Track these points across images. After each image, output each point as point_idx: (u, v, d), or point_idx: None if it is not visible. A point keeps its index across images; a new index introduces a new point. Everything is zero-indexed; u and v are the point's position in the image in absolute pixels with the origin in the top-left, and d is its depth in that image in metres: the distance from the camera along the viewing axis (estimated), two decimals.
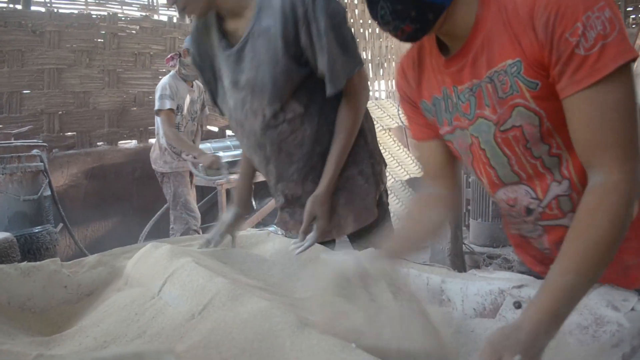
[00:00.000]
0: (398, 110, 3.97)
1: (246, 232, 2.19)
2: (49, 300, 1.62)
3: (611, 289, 1.19)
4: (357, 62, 1.65)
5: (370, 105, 6.54)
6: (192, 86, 3.85)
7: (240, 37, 1.60)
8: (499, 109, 1.07)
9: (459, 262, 2.81)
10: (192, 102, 3.85)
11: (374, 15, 1.04)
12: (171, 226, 3.82)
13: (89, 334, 1.32)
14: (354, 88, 1.65)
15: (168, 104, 3.61)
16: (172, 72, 3.80)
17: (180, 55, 3.76)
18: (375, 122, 6.13)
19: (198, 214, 3.82)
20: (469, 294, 1.35)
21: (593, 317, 1.17)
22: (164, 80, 3.73)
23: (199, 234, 3.66)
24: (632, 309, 1.14)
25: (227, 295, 1.39)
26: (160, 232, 4.24)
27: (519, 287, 1.28)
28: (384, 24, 1.04)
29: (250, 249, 1.98)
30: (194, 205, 3.82)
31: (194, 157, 3.66)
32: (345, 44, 1.59)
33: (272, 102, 1.60)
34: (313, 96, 1.64)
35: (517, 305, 1.30)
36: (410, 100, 1.29)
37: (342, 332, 1.02)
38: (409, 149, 6.58)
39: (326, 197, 1.67)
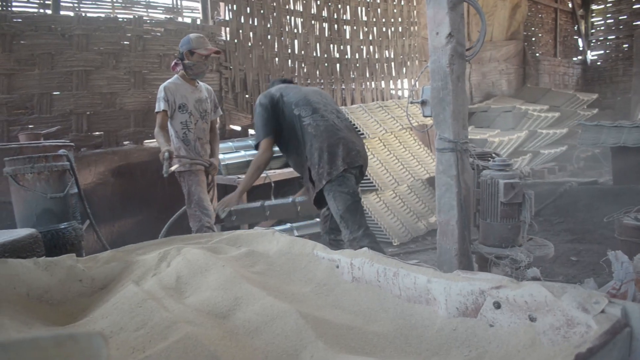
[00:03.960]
0: (407, 109, 3.99)
1: (253, 230, 2.28)
2: (65, 293, 1.73)
3: (584, 291, 1.24)
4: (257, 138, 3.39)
5: (390, 104, 6.59)
6: (195, 86, 3.99)
7: None
8: None
9: (466, 262, 2.85)
10: (199, 101, 3.96)
11: None
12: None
13: (98, 325, 1.43)
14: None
15: (162, 106, 3.78)
16: (175, 76, 3.95)
17: (183, 58, 3.86)
18: (394, 122, 6.22)
19: (211, 211, 3.92)
20: (452, 293, 1.41)
21: (565, 318, 1.22)
22: (163, 83, 3.89)
23: (213, 230, 3.77)
24: (602, 312, 1.18)
25: (230, 297, 1.48)
26: (183, 229, 4.38)
27: (498, 288, 1.34)
28: None
29: (255, 246, 2.08)
30: (208, 203, 3.92)
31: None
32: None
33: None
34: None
35: (497, 305, 1.36)
36: None
37: None
38: (430, 148, 6.59)
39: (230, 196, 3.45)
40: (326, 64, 6.81)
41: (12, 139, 4.18)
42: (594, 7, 12.58)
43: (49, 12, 4.59)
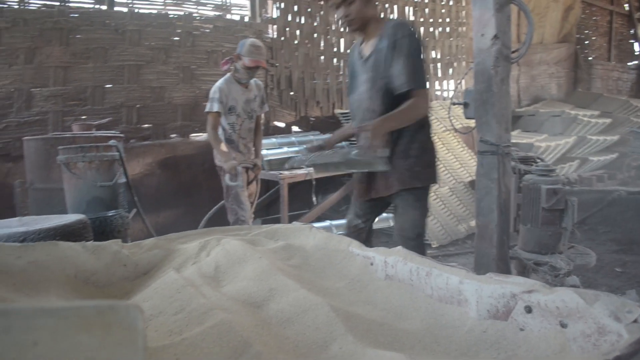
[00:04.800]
0: (449, 111, 3.97)
1: (291, 224, 2.33)
2: (110, 276, 1.82)
3: (617, 299, 1.23)
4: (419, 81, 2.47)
5: (435, 105, 6.54)
6: (247, 87, 4.06)
7: (366, 52, 2.62)
8: None
9: (504, 266, 2.82)
10: (247, 101, 4.06)
11: None
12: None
13: None
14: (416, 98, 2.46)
15: (215, 107, 3.87)
16: (227, 75, 4.02)
17: (233, 60, 3.98)
18: (438, 123, 6.18)
19: (247, 206, 4.04)
20: (483, 295, 1.42)
21: (596, 326, 1.21)
22: (217, 83, 3.98)
23: (247, 224, 3.88)
24: (635, 321, 1.17)
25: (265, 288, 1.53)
26: (225, 222, 4.48)
27: (529, 292, 1.34)
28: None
29: (292, 240, 2.12)
30: (244, 198, 4.03)
31: (222, 160, 3.89)
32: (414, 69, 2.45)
33: (379, 90, 2.54)
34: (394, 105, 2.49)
35: (528, 309, 1.35)
36: None
37: None
38: (474, 151, 6.51)
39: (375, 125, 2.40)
40: None
41: (66, 129, 4.37)
42: None
43: (103, 7, 4.78)
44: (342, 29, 6.47)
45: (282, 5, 5.86)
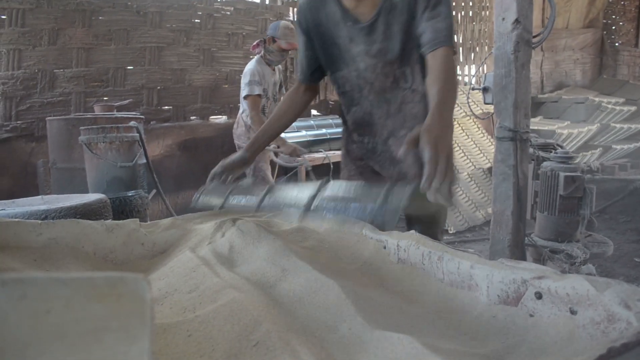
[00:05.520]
0: (468, 96, 3.93)
1: None
2: (128, 254, 1.86)
3: (628, 287, 1.22)
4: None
5: None
6: (274, 70, 4.08)
7: (365, 14, 1.89)
8: None
9: (519, 253, 2.82)
10: (274, 84, 4.09)
11: None
12: None
13: (155, 285, 1.54)
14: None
15: (257, 90, 3.88)
16: (257, 57, 4.03)
17: (265, 42, 4.00)
18: (458, 108, 6.12)
19: None
20: (494, 281, 1.42)
21: (606, 313, 1.21)
22: (251, 66, 3.98)
23: None
24: None
25: (277, 267, 1.56)
26: None
27: (540, 278, 1.34)
28: None
29: (307, 223, 2.14)
30: (271, 179, 4.09)
31: (277, 146, 3.91)
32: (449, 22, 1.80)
33: (402, 66, 1.92)
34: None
35: (538, 295, 1.36)
36: None
37: None
38: (493, 137, 6.44)
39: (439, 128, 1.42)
40: None
41: (88, 110, 4.44)
42: None
43: None
44: None
45: None
